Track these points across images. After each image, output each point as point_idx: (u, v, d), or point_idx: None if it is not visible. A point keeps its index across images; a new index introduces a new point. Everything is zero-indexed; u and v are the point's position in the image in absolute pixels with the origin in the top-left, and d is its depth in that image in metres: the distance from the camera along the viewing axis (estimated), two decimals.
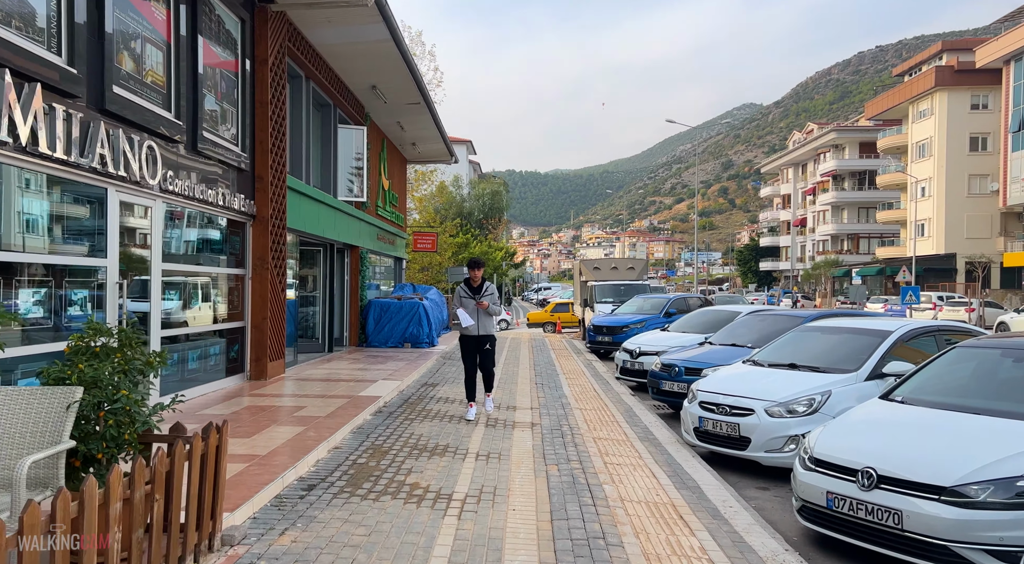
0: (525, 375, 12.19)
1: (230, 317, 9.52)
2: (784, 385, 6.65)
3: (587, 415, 8.48)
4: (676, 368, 9.23)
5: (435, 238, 23.15)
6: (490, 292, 8.03)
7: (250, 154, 9.64)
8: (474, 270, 7.93)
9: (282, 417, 7.18)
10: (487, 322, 8.10)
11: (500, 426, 7.57)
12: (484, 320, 8.05)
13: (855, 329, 7.29)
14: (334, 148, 14.06)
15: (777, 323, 9.89)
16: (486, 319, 8.07)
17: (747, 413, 6.48)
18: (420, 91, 14.81)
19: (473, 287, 7.98)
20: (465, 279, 8.06)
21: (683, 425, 7.25)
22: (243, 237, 9.75)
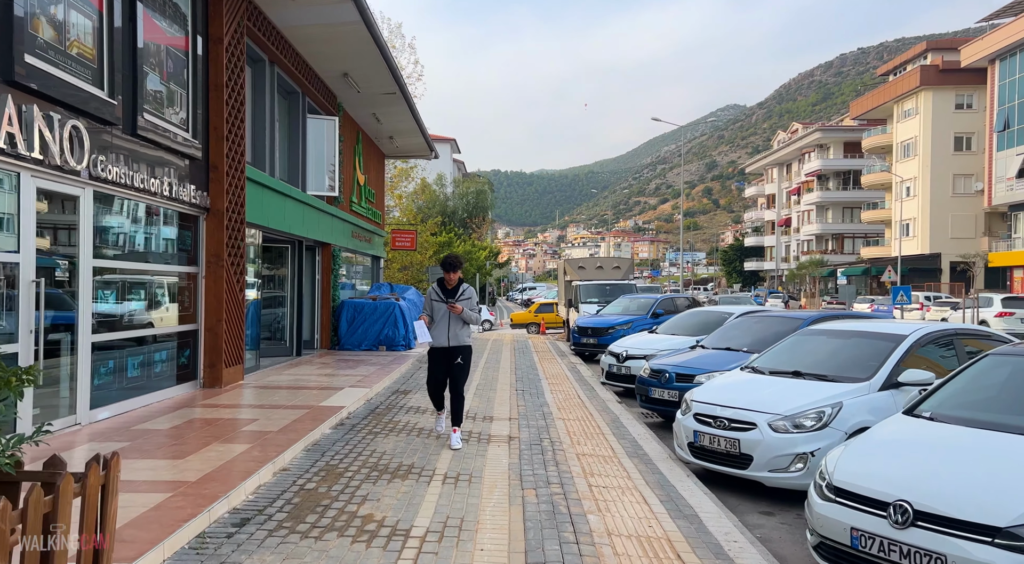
0: (505, 380, 11.46)
1: (181, 319, 8.70)
2: (789, 396, 5.97)
3: (570, 426, 7.76)
4: (666, 374, 8.55)
5: (414, 236, 22.36)
6: (467, 296, 6.67)
7: (203, 141, 8.82)
8: (449, 272, 6.60)
9: (228, 432, 6.39)
10: (460, 331, 6.66)
11: (474, 440, 6.83)
12: (456, 328, 6.64)
13: (865, 333, 6.63)
14: (303, 139, 13.24)
15: (774, 325, 9.23)
16: (459, 327, 6.65)
17: (748, 427, 5.79)
18: (395, 80, 14.03)
19: (447, 289, 6.69)
20: (439, 280, 6.76)
21: (676, 439, 6.56)
22: (196, 232, 8.92)
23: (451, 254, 6.69)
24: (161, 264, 8.21)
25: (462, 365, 6.72)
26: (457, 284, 6.70)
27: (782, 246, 72.99)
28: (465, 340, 6.73)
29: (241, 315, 9.58)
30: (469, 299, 6.71)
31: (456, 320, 6.64)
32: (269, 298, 13.17)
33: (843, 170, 63.22)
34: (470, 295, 6.72)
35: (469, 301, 6.70)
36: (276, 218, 11.32)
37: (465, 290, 6.71)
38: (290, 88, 12.69)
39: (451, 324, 6.65)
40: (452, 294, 6.66)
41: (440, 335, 6.68)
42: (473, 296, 6.72)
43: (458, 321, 6.66)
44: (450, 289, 6.69)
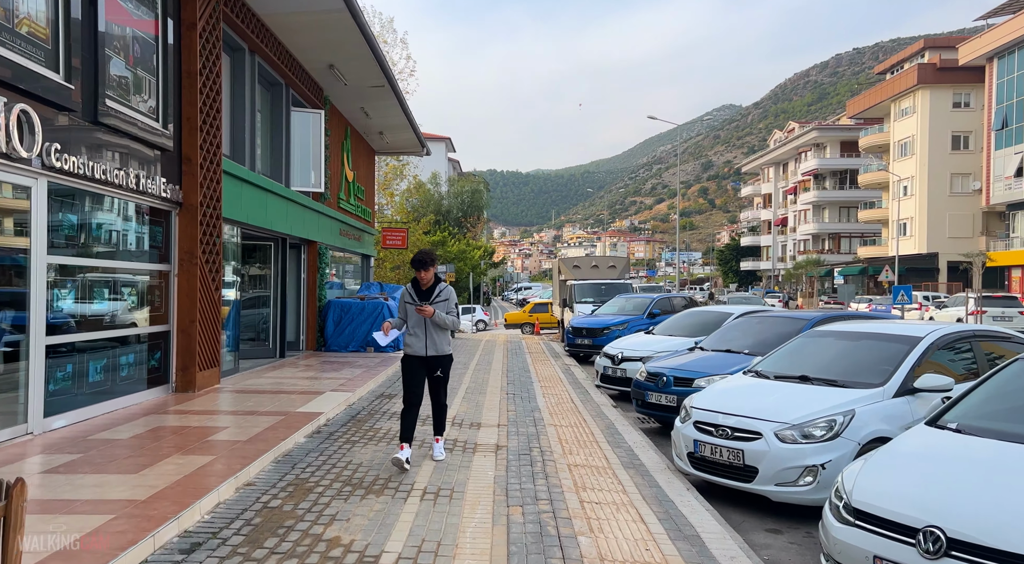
0: (496, 383, 11.01)
1: (152, 320, 8.23)
2: (796, 402, 5.53)
3: (562, 433, 7.32)
4: (664, 377, 8.11)
5: (406, 235, 21.89)
6: (443, 297, 5.87)
7: (176, 132, 8.35)
8: (421, 270, 5.78)
9: (192, 442, 5.92)
10: (440, 338, 5.87)
11: (459, 450, 6.38)
12: (436, 335, 5.85)
13: (877, 334, 6.20)
14: (287, 133, 12.77)
15: (776, 326, 8.81)
16: (437, 334, 5.86)
17: (753, 437, 5.35)
18: (383, 72, 13.57)
19: (422, 290, 5.90)
20: (412, 280, 5.98)
21: (675, 448, 6.12)
22: (167, 227, 8.45)
23: (422, 250, 5.87)
24: (128, 261, 7.74)
25: (441, 378, 5.95)
26: (433, 284, 5.91)
27: (778, 246, 72.70)
28: (445, 348, 5.93)
29: (217, 316, 9.12)
30: (446, 301, 5.90)
31: (434, 325, 5.85)
32: (251, 298, 12.70)
33: (840, 169, 62.96)
34: (447, 296, 5.92)
35: (446, 303, 5.89)
36: (257, 214, 10.85)
37: (442, 291, 5.91)
38: (273, 79, 12.22)
39: (428, 330, 5.84)
40: (427, 296, 5.86)
41: (417, 343, 5.84)
42: (451, 297, 5.95)
43: (436, 327, 5.86)
44: (424, 290, 5.90)
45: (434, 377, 5.94)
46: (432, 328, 5.85)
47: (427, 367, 5.90)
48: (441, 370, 5.94)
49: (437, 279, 5.95)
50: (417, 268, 5.81)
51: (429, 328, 5.84)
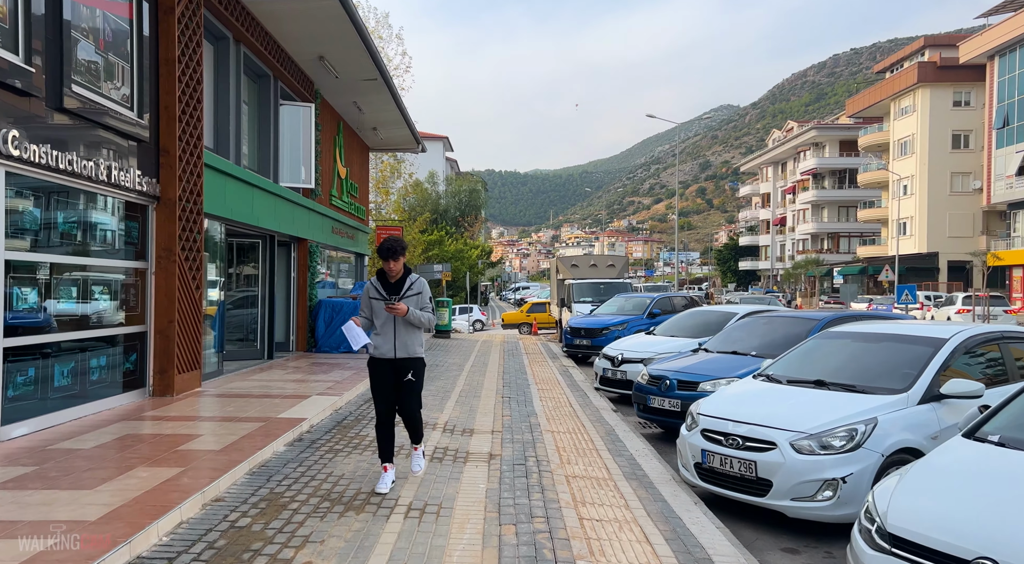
0: (491, 386, 10.59)
1: (127, 320, 7.80)
2: (813, 409, 5.12)
3: (560, 440, 6.90)
4: (667, 381, 7.70)
5: (400, 233, 21.43)
6: (415, 291, 5.11)
7: (152, 122, 7.92)
8: (390, 260, 5.02)
9: (161, 452, 5.50)
10: (410, 339, 5.11)
11: (449, 459, 5.96)
12: (405, 335, 5.09)
13: (897, 336, 5.79)
14: (275, 127, 12.34)
15: (784, 327, 8.41)
16: (408, 334, 5.10)
17: (767, 447, 4.94)
18: (376, 65, 13.14)
19: (390, 283, 5.12)
20: (378, 272, 5.22)
21: (680, 457, 5.71)
22: (143, 223, 8.02)
23: (390, 237, 5.11)
24: (100, 258, 7.30)
25: (412, 383, 5.15)
26: (402, 276, 5.14)
27: (777, 245, 72.36)
28: (416, 350, 5.15)
29: (198, 316, 8.68)
30: (419, 294, 5.11)
31: (404, 324, 5.08)
32: (238, 297, 12.27)
33: (839, 169, 62.63)
34: (420, 289, 5.13)
35: (418, 297, 5.10)
36: (242, 210, 10.42)
37: (413, 283, 5.12)
38: (260, 71, 11.79)
39: (397, 329, 5.06)
40: (396, 289, 5.08)
41: (384, 344, 5.07)
42: (424, 290, 5.17)
43: (407, 326, 5.09)
44: (393, 282, 5.12)
45: (404, 383, 5.13)
46: (402, 327, 5.08)
47: (396, 372, 5.12)
48: (412, 373, 5.14)
49: (407, 270, 5.20)
50: (384, 258, 5.01)
51: (398, 327, 5.07)
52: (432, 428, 7.24)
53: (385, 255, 5.03)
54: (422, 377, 5.28)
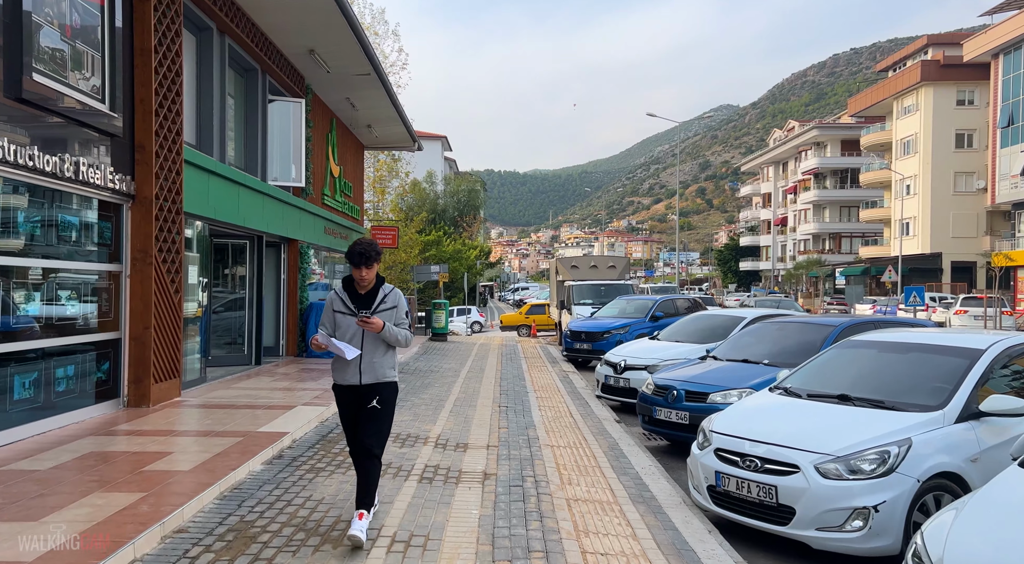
0: (488, 394, 10.12)
1: (100, 326, 7.33)
2: (839, 428, 4.66)
3: (560, 456, 6.44)
4: (674, 391, 7.24)
5: (396, 233, 20.98)
6: (389, 304, 4.29)
7: (126, 116, 7.45)
8: (361, 267, 4.20)
9: (123, 474, 5.03)
10: (379, 359, 4.26)
11: (440, 480, 5.49)
12: (373, 355, 4.24)
13: (928, 346, 5.33)
14: (263, 123, 11.87)
15: (797, 333, 7.95)
16: (378, 353, 4.26)
17: (789, 470, 4.47)
18: (369, 59, 12.68)
19: (359, 294, 4.30)
20: (345, 280, 4.37)
21: (691, 478, 5.25)
22: (117, 223, 7.55)
23: (361, 239, 4.29)
24: (68, 261, 6.83)
25: (378, 413, 4.22)
26: (374, 286, 4.32)
27: (778, 246, 71.90)
28: (387, 374, 4.28)
29: (177, 321, 8.21)
30: (393, 308, 4.28)
31: (374, 342, 4.22)
32: (224, 300, 11.79)
33: (841, 168, 62.17)
34: (395, 302, 4.31)
35: (393, 312, 4.28)
36: (227, 209, 9.94)
37: (387, 295, 4.31)
38: (247, 64, 11.32)
39: (364, 349, 4.21)
40: (367, 302, 4.26)
41: (347, 368, 4.24)
42: (400, 303, 4.35)
43: (377, 345, 4.24)
44: (363, 294, 4.29)
45: (368, 410, 4.21)
46: (371, 345, 4.22)
47: (359, 398, 4.26)
48: (378, 400, 4.22)
49: (379, 280, 4.38)
50: (355, 263, 4.18)
51: (366, 345, 4.21)
52: (423, 442, 6.77)
53: (356, 261, 4.17)
54: (392, 406, 4.31)
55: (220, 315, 11.79)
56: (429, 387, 10.59)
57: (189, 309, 9.34)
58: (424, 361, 14.30)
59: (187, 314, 9.21)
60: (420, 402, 9.20)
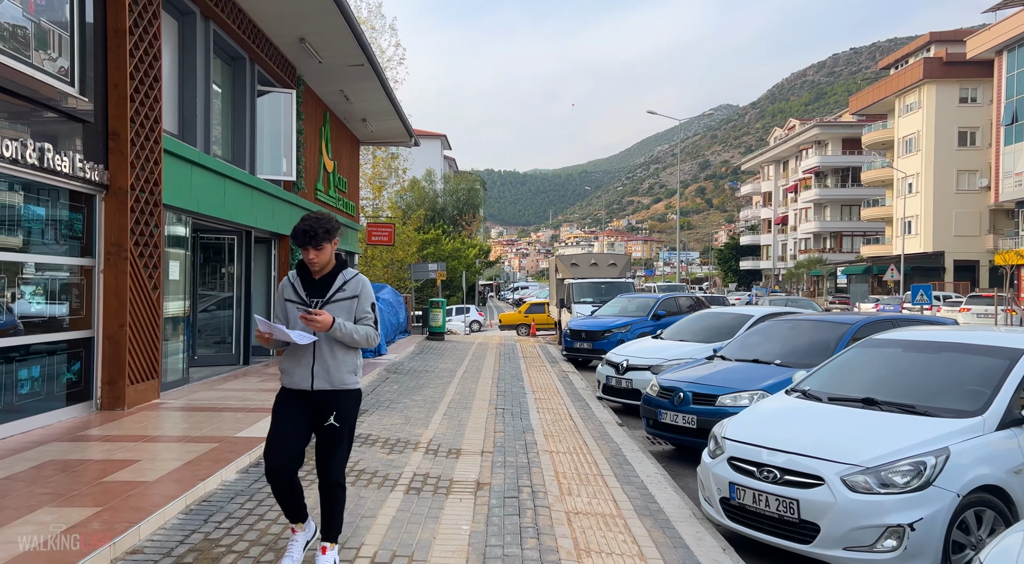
0: (484, 395, 9.70)
1: (71, 324, 6.90)
2: (866, 436, 4.24)
3: (560, 463, 6.01)
4: (680, 393, 6.82)
5: (392, 230, 20.55)
6: (349, 293, 3.52)
7: (98, 101, 7.01)
8: (308, 248, 3.43)
9: (82, 485, 4.60)
10: (336, 361, 3.48)
11: (428, 490, 5.06)
12: (330, 356, 3.47)
13: (959, 345, 4.90)
14: (252, 113, 11.43)
15: (810, 332, 7.53)
16: (334, 354, 3.48)
17: (812, 482, 4.05)
18: (362, 48, 12.25)
19: (313, 281, 3.55)
20: (298, 264, 3.63)
21: (702, 489, 4.82)
22: (89, 215, 7.12)
23: (308, 216, 3.48)
24: (33, 254, 6.40)
25: (336, 431, 3.46)
26: (332, 271, 3.54)
27: (779, 245, 71.51)
28: (345, 379, 3.48)
29: (155, 319, 7.78)
30: (353, 298, 3.50)
31: (327, 341, 3.44)
32: (212, 297, 11.36)
33: (842, 167, 61.77)
34: (356, 290, 3.52)
35: (353, 302, 3.50)
36: (212, 203, 9.51)
37: (347, 283, 3.53)
38: (234, 52, 10.88)
39: (319, 347, 3.45)
40: (320, 290, 3.51)
41: (297, 368, 3.47)
42: (364, 293, 3.54)
43: (334, 343, 3.46)
44: (317, 280, 3.54)
45: (324, 429, 3.47)
46: (326, 343, 3.45)
47: (314, 409, 3.48)
48: (336, 415, 3.45)
49: (340, 263, 3.60)
50: (300, 243, 3.41)
51: (321, 342, 3.45)
52: (413, 448, 6.35)
53: (300, 240, 3.40)
54: (353, 421, 3.54)
55: (207, 313, 11.37)
56: (423, 388, 10.16)
57: (171, 307, 8.92)
58: (419, 361, 13.88)
59: (169, 312, 8.79)
60: (413, 404, 8.78)
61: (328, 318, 3.36)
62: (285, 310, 3.57)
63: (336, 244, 3.54)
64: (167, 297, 8.66)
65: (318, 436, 3.53)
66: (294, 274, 3.63)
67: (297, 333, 3.35)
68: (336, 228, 3.52)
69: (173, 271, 8.88)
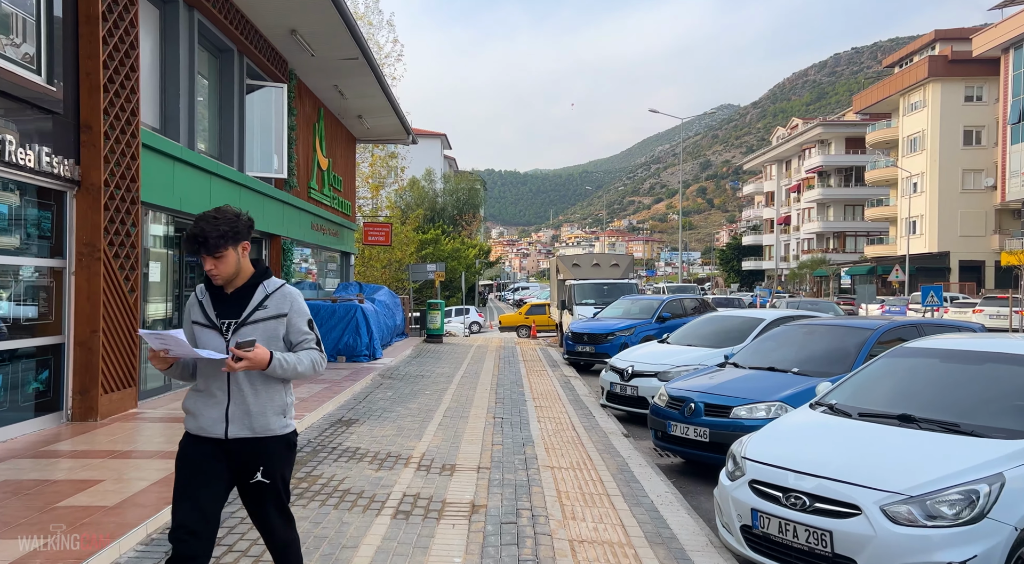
0: (482, 402, 9.24)
1: (40, 329, 6.45)
2: (907, 459, 3.77)
3: (562, 480, 5.56)
4: (691, 404, 6.36)
5: (389, 230, 20.10)
6: (272, 312, 2.68)
7: (69, 91, 6.57)
8: (205, 257, 2.62)
9: (31, 511, 4.14)
10: (255, 399, 2.65)
11: (418, 515, 4.60)
12: (248, 392, 2.64)
13: (1010, 356, 4.42)
14: (240, 108, 10.99)
15: (830, 337, 7.05)
16: (254, 390, 2.65)
17: (847, 512, 3.59)
18: (356, 41, 11.82)
19: (226, 295, 2.71)
20: (205, 278, 2.75)
21: (719, 514, 4.36)
22: (59, 213, 6.67)
23: (203, 216, 2.66)
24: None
25: (267, 487, 2.68)
26: (250, 282, 2.72)
27: (781, 245, 71.02)
28: (271, 424, 2.68)
29: (132, 324, 7.33)
30: (280, 318, 2.70)
31: (246, 379, 2.66)
32: None
33: (845, 166, 61.27)
34: (282, 307, 2.71)
35: (281, 322, 2.70)
36: (196, 200, 9.07)
37: (272, 296, 2.72)
38: (221, 44, 10.43)
39: (235, 380, 2.66)
40: (235, 308, 2.69)
41: (207, 409, 2.67)
42: (293, 308, 2.74)
43: (250, 377, 2.65)
44: (231, 294, 2.71)
45: (250, 487, 2.68)
46: (246, 375, 2.64)
47: (231, 466, 2.67)
48: (265, 470, 2.65)
49: (260, 272, 2.76)
50: (191, 250, 2.64)
51: (238, 375, 2.63)
52: (404, 464, 5.89)
53: (191, 247, 2.61)
54: (287, 472, 2.74)
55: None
56: (418, 395, 9.71)
57: (152, 310, 8.48)
58: (416, 365, 13.42)
59: (150, 316, 8.36)
60: (407, 413, 8.32)
61: (264, 354, 2.54)
62: (194, 336, 2.69)
63: (247, 248, 2.72)
64: (148, 300, 8.22)
65: (243, 496, 2.71)
66: (202, 289, 2.77)
67: (205, 350, 2.58)
68: (244, 229, 2.67)
69: (154, 272, 8.44)
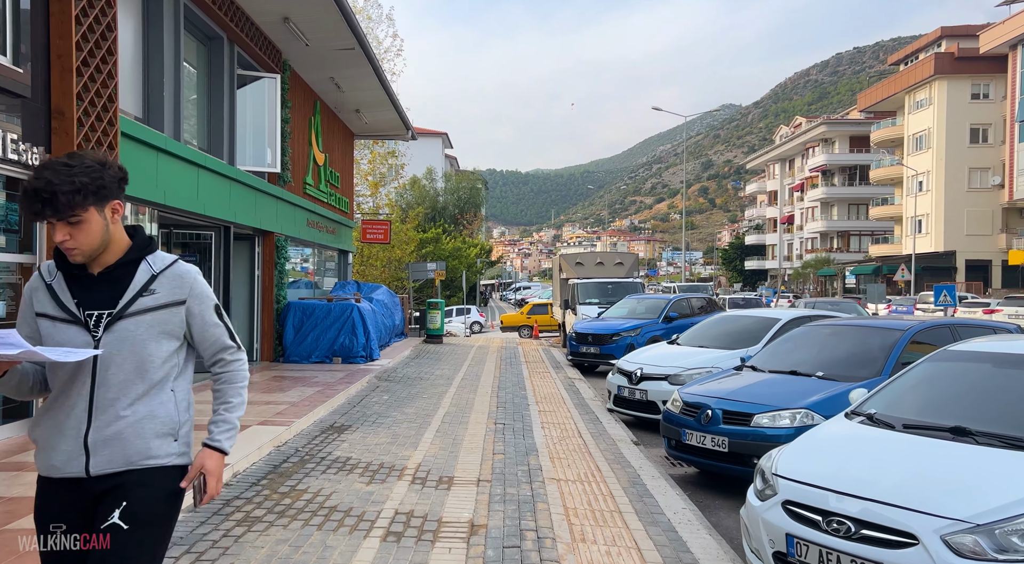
0: (483, 407, 8.79)
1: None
2: (967, 479, 3.31)
3: (570, 495, 5.09)
4: (709, 411, 5.89)
5: (388, 228, 19.65)
6: (165, 297, 1.94)
7: (39, 74, 6.12)
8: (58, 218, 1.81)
9: None
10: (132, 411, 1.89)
11: (411, 536, 4.15)
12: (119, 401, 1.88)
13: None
14: (231, 98, 10.53)
15: (856, 339, 6.58)
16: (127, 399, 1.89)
17: (901, 542, 3.13)
18: (352, 30, 11.36)
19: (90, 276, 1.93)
20: (55, 252, 1.92)
21: (747, 537, 3.90)
22: None
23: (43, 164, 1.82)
24: None
25: (123, 536, 1.82)
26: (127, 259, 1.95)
27: (784, 244, 70.52)
28: (153, 449, 1.91)
29: None
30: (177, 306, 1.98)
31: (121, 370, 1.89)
32: None
33: (849, 165, 60.75)
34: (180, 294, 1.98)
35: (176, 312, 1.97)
36: (182, 194, 8.61)
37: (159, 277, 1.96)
38: (210, 31, 9.97)
39: (99, 384, 1.87)
40: (106, 293, 1.92)
41: (60, 441, 1.88)
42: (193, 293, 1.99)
43: (130, 376, 1.89)
44: (98, 275, 1.93)
45: (99, 532, 1.83)
46: (116, 372, 1.89)
47: (92, 509, 1.90)
48: (125, 511, 1.85)
49: (141, 243, 1.98)
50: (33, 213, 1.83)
51: (104, 373, 1.88)
52: (398, 476, 5.44)
53: (34, 206, 1.81)
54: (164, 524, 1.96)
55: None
56: (415, 399, 9.25)
57: None
58: (414, 367, 12.97)
59: None
60: (403, 418, 7.87)
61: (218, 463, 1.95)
62: (39, 335, 1.91)
63: (119, 211, 1.92)
64: None
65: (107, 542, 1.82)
66: (50, 268, 1.96)
67: (58, 350, 1.79)
68: (112, 182, 1.89)
69: None
